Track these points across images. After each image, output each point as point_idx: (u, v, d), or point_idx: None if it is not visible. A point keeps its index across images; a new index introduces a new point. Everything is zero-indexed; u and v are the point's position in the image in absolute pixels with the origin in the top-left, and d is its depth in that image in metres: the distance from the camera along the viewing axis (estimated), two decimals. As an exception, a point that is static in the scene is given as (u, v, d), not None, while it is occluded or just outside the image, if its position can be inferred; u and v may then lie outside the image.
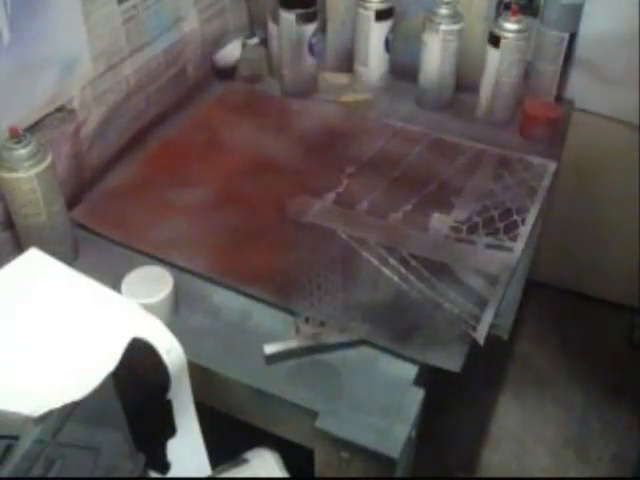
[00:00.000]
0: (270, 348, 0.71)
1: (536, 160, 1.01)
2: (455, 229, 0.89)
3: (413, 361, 0.72)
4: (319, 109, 1.13)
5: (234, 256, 0.84)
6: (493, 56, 1.05)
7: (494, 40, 1.03)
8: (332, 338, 0.73)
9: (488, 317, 0.76)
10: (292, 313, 0.77)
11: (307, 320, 0.75)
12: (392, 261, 0.83)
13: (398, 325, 0.76)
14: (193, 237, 0.87)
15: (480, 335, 0.74)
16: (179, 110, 1.11)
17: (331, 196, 0.94)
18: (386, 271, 0.82)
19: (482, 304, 0.78)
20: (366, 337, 0.74)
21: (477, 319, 0.76)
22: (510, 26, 1.02)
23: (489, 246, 0.86)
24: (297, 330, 0.74)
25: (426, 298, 0.79)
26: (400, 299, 0.79)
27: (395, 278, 0.81)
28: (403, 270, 0.82)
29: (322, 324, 0.74)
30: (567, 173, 1.24)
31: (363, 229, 0.88)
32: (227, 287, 0.80)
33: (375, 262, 0.83)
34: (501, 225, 0.89)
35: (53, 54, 0.83)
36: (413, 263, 0.83)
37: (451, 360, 0.71)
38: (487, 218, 0.90)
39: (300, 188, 0.95)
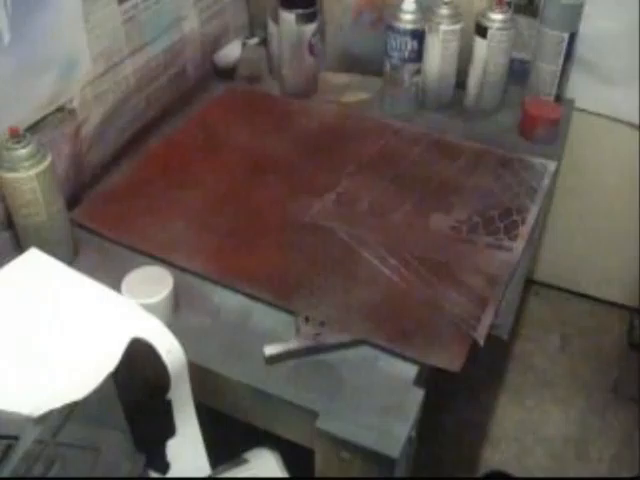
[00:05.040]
0: (270, 349, 0.71)
1: (536, 160, 1.01)
2: (455, 229, 0.89)
3: (413, 361, 0.72)
4: (319, 109, 1.13)
5: (234, 256, 0.84)
6: (480, 46, 1.06)
7: (481, 31, 1.05)
8: (332, 338, 0.73)
9: (488, 317, 0.76)
10: (292, 313, 0.77)
11: (307, 320, 0.75)
12: (392, 261, 0.83)
13: (398, 325, 0.76)
14: (193, 237, 0.87)
15: (480, 335, 0.74)
16: (179, 110, 1.11)
17: (331, 196, 0.94)
18: (386, 271, 0.82)
19: (482, 304, 0.78)
20: (366, 337, 0.74)
21: (477, 319, 0.76)
22: (496, 16, 1.04)
23: (489, 246, 0.86)
24: (297, 330, 0.74)
25: (426, 298, 0.79)
26: (400, 299, 0.79)
27: (395, 278, 0.81)
28: (403, 270, 0.82)
29: (322, 324, 0.74)
30: (567, 173, 1.24)
31: (363, 229, 0.88)
32: (227, 287, 0.80)
33: (375, 262, 0.83)
34: (501, 225, 0.89)
35: (53, 54, 0.83)
36: (413, 263, 0.83)
37: (451, 360, 0.71)
38: (487, 218, 0.90)
39: (300, 188, 0.95)
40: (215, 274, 0.81)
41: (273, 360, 0.71)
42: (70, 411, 0.55)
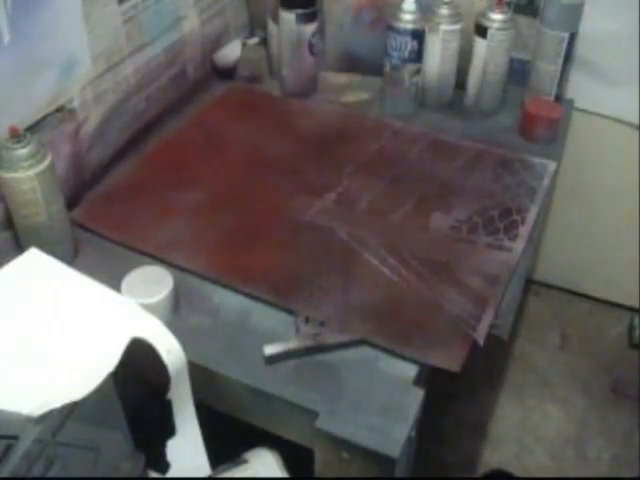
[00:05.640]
0: (270, 349, 0.71)
1: (536, 160, 1.01)
2: (455, 229, 0.88)
3: (413, 361, 0.72)
4: (319, 109, 1.13)
5: (234, 256, 0.84)
6: (480, 46, 1.06)
7: (481, 31, 1.06)
8: (332, 338, 0.73)
9: (488, 317, 0.76)
10: (292, 313, 0.77)
11: (307, 320, 0.75)
12: (392, 261, 0.83)
13: (398, 325, 0.76)
14: (193, 237, 0.87)
15: (480, 335, 0.74)
16: (179, 110, 1.11)
17: (331, 196, 0.94)
18: (386, 271, 0.82)
19: (482, 304, 0.78)
20: (366, 337, 0.74)
21: (477, 319, 0.76)
22: (496, 17, 1.04)
23: (489, 246, 0.86)
24: (297, 330, 0.74)
25: (426, 298, 0.79)
26: (400, 299, 0.79)
27: (395, 278, 0.81)
28: (403, 270, 0.82)
29: (322, 324, 0.74)
30: (567, 173, 1.24)
31: (363, 229, 0.88)
32: (227, 287, 0.80)
33: (375, 262, 0.83)
34: (501, 225, 0.89)
35: (53, 54, 0.83)
36: (413, 263, 0.83)
37: (451, 360, 0.71)
38: (487, 218, 0.90)
39: (300, 188, 0.95)
40: (215, 274, 0.81)
41: (273, 360, 0.71)
42: (70, 411, 0.55)
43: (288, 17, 1.07)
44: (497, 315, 0.77)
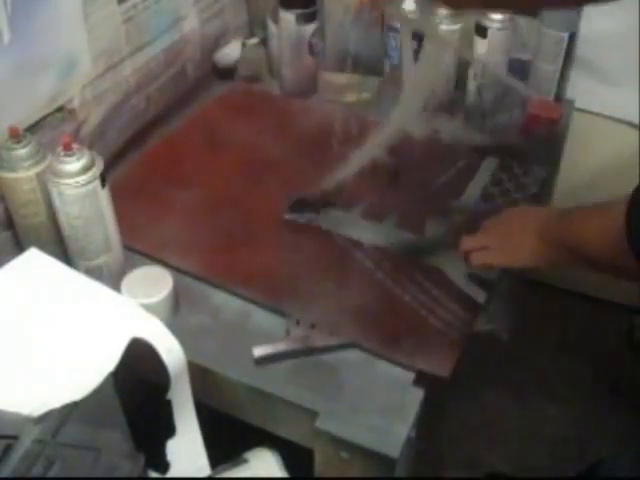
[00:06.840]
0: (259, 351, 0.71)
1: (535, 160, 1.01)
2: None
3: (402, 365, 0.71)
4: (319, 109, 1.13)
5: (229, 257, 0.84)
6: (480, 46, 1.07)
7: (481, 31, 1.06)
8: (321, 341, 0.73)
9: (479, 320, 0.76)
10: (285, 315, 0.76)
11: (298, 322, 0.74)
12: (386, 264, 0.83)
13: (389, 329, 0.75)
14: (190, 238, 0.87)
15: (469, 338, 0.74)
16: (179, 110, 1.11)
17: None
18: (379, 274, 0.82)
19: (474, 308, 0.78)
20: (355, 341, 0.73)
21: (468, 324, 0.76)
22: (496, 16, 1.04)
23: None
24: (287, 332, 0.74)
25: (419, 302, 0.78)
26: (393, 303, 0.78)
27: (388, 281, 0.81)
28: (396, 274, 0.82)
29: (313, 327, 0.74)
30: (567, 173, 1.24)
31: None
32: (221, 288, 0.80)
33: (369, 265, 0.83)
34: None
35: (53, 54, 0.83)
36: (407, 267, 0.83)
37: (440, 365, 0.71)
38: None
39: (299, 188, 0.95)
40: (210, 275, 0.81)
41: (262, 361, 0.71)
42: (70, 411, 0.55)
43: (288, 17, 1.07)
44: (492, 317, 0.77)
